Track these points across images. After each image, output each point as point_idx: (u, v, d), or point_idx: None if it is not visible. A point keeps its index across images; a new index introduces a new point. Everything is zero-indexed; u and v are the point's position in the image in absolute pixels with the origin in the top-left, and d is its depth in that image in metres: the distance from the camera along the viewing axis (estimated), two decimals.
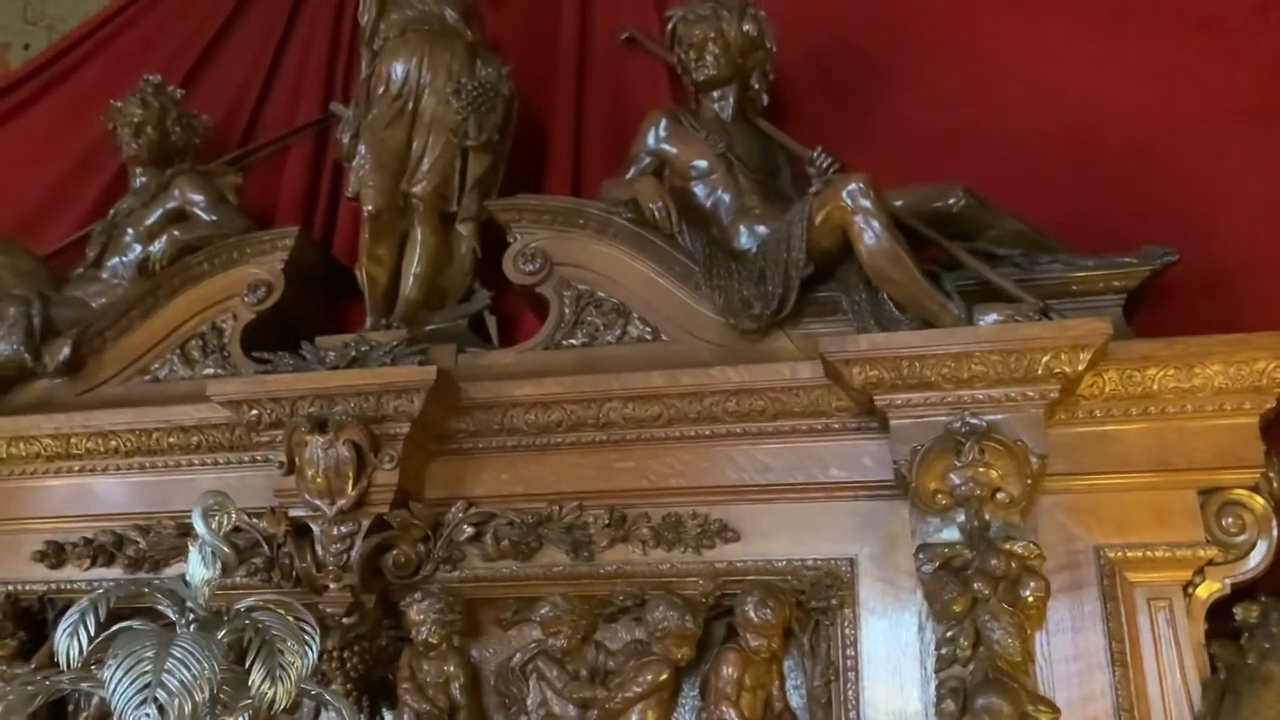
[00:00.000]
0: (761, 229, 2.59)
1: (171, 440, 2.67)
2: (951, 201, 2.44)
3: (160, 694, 1.61)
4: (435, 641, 2.40)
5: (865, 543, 2.26)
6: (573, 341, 2.63)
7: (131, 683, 1.63)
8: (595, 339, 2.62)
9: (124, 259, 3.06)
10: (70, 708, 2.74)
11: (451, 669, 2.41)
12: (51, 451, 2.75)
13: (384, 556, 2.46)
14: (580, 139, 3.16)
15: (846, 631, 2.21)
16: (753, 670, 2.26)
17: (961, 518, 2.10)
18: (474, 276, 2.89)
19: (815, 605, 2.24)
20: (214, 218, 3.05)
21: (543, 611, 2.39)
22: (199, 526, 1.93)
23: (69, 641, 1.73)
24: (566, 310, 2.65)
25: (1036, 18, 2.86)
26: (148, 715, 1.60)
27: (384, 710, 2.51)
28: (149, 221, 3.07)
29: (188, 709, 1.62)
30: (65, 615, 1.77)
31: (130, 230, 3.08)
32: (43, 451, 2.76)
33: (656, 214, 2.61)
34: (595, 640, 2.44)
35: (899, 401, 2.17)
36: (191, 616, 1.89)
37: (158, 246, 2.99)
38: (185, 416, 2.65)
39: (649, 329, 2.59)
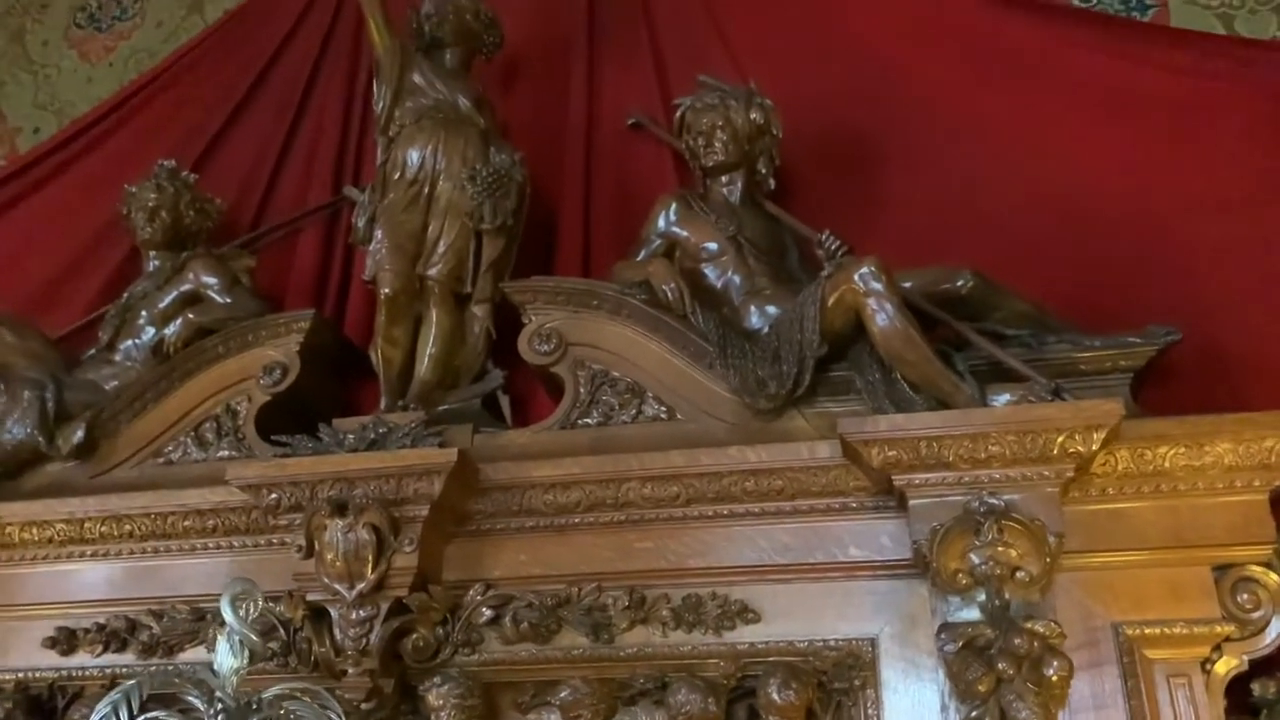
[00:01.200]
0: (772, 309, 2.64)
1: (186, 524, 2.67)
2: (960, 283, 2.50)
3: None
4: None
5: (886, 622, 2.27)
6: (588, 421, 2.65)
7: None
8: (610, 418, 2.65)
9: (137, 341, 3.09)
10: None
11: None
12: (64, 536, 2.75)
13: (403, 640, 2.45)
14: (589, 222, 3.22)
15: (869, 712, 2.21)
16: None
17: (982, 597, 2.12)
18: (487, 356, 2.93)
19: (837, 686, 2.24)
20: (228, 300, 3.08)
21: (562, 695, 2.38)
22: (227, 615, 1.94)
23: None
24: (581, 390, 2.68)
25: (1034, 100, 2.95)
26: None
27: None
28: (163, 304, 3.10)
29: None
30: (97, 707, 1.77)
31: (144, 313, 3.11)
32: (55, 536, 2.75)
33: (670, 295, 2.66)
34: None
35: (917, 481, 2.20)
36: (220, 706, 1.89)
37: (172, 329, 3.01)
38: (201, 500, 2.65)
39: (664, 408, 2.62)
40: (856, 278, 2.36)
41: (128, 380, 3.02)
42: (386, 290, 2.83)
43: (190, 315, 3.02)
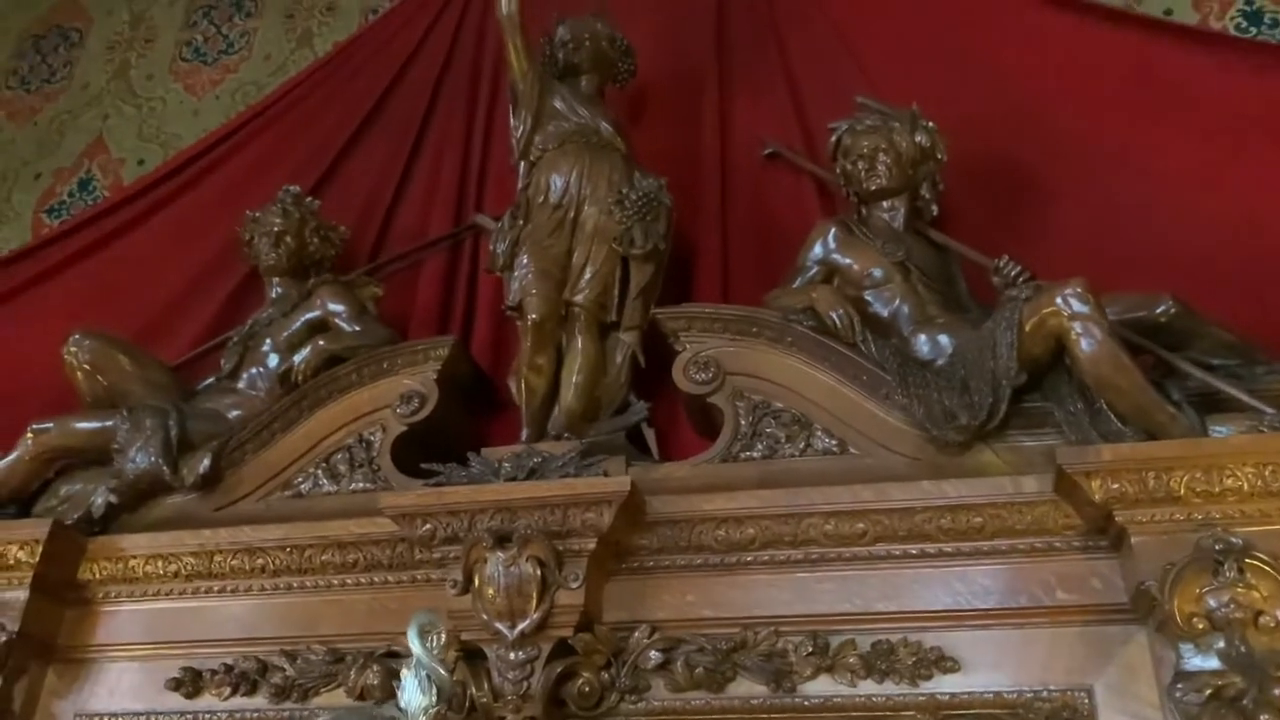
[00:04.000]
0: (944, 339, 2.51)
1: (325, 558, 2.52)
2: (1160, 310, 2.36)
3: None
4: None
5: (1100, 672, 2.09)
6: (752, 454, 2.50)
7: None
8: (776, 451, 2.49)
9: (262, 370, 2.98)
10: None
11: None
12: (191, 570, 2.61)
13: (565, 685, 2.28)
14: (727, 253, 3.11)
15: None
16: None
17: (1220, 644, 1.94)
18: (629, 388, 2.80)
19: None
20: (357, 328, 2.97)
21: None
22: (415, 648, 1.80)
23: None
24: (742, 421, 2.54)
25: (1200, 131, 2.84)
26: None
27: None
28: (289, 332, 3.00)
29: None
30: None
31: (269, 340, 3.01)
32: (182, 570, 2.61)
33: (838, 322, 2.52)
34: None
35: (1141, 518, 2.04)
36: None
37: (300, 357, 2.89)
38: (343, 532, 2.51)
39: (835, 441, 2.47)
40: (1060, 300, 2.22)
41: (252, 409, 2.89)
42: (534, 316, 2.71)
43: (321, 343, 2.90)
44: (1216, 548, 1.97)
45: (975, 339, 2.40)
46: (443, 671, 1.78)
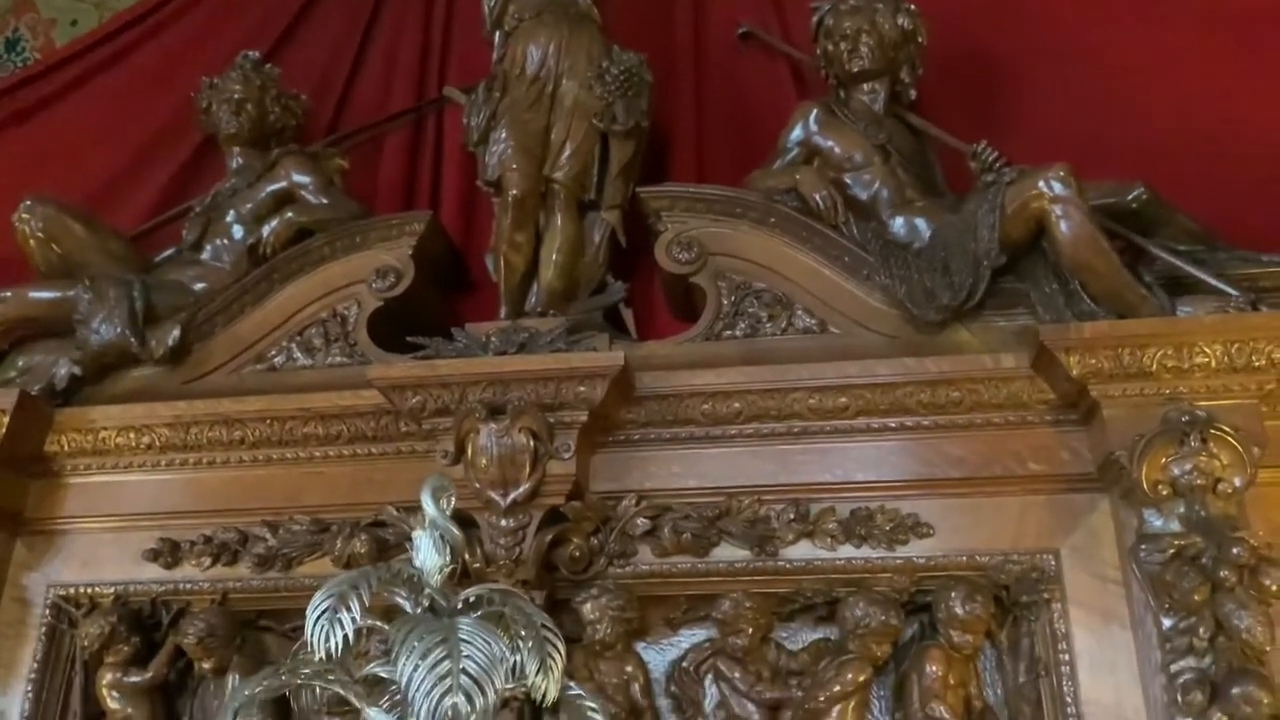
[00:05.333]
0: (921, 223, 2.57)
1: (307, 430, 2.51)
2: (1131, 197, 2.45)
3: (464, 680, 1.49)
4: (611, 640, 2.29)
5: (1067, 537, 2.22)
6: (733, 333, 2.54)
7: (429, 672, 1.50)
8: (757, 330, 2.54)
9: (226, 241, 2.90)
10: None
11: (630, 669, 2.31)
12: (165, 442, 2.57)
13: (555, 551, 2.34)
14: (701, 135, 3.11)
15: (1057, 627, 2.15)
16: (955, 668, 2.21)
17: (1181, 509, 2.08)
18: (607, 268, 2.80)
19: (1025, 600, 2.19)
20: (325, 201, 2.91)
21: (723, 608, 2.29)
22: (429, 509, 1.81)
23: (325, 630, 1.58)
24: (724, 301, 2.57)
25: (1168, 26, 2.91)
26: (456, 703, 1.47)
27: (544, 716, 2.38)
28: (254, 203, 2.91)
29: (490, 695, 1.50)
30: (314, 602, 1.61)
31: (232, 211, 2.92)
32: (156, 442, 2.57)
33: (822, 203, 2.56)
34: (773, 639, 2.36)
35: (1114, 392, 2.15)
36: (427, 605, 1.76)
37: (268, 229, 2.82)
38: (327, 405, 2.49)
39: (815, 320, 2.52)
40: (1042, 184, 2.29)
41: (218, 281, 2.82)
42: (514, 192, 2.67)
43: (289, 215, 2.83)
44: (1183, 420, 2.09)
45: (955, 222, 2.46)
46: (456, 531, 1.80)
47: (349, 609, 1.58)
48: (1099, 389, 2.15)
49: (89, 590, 2.54)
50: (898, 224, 2.59)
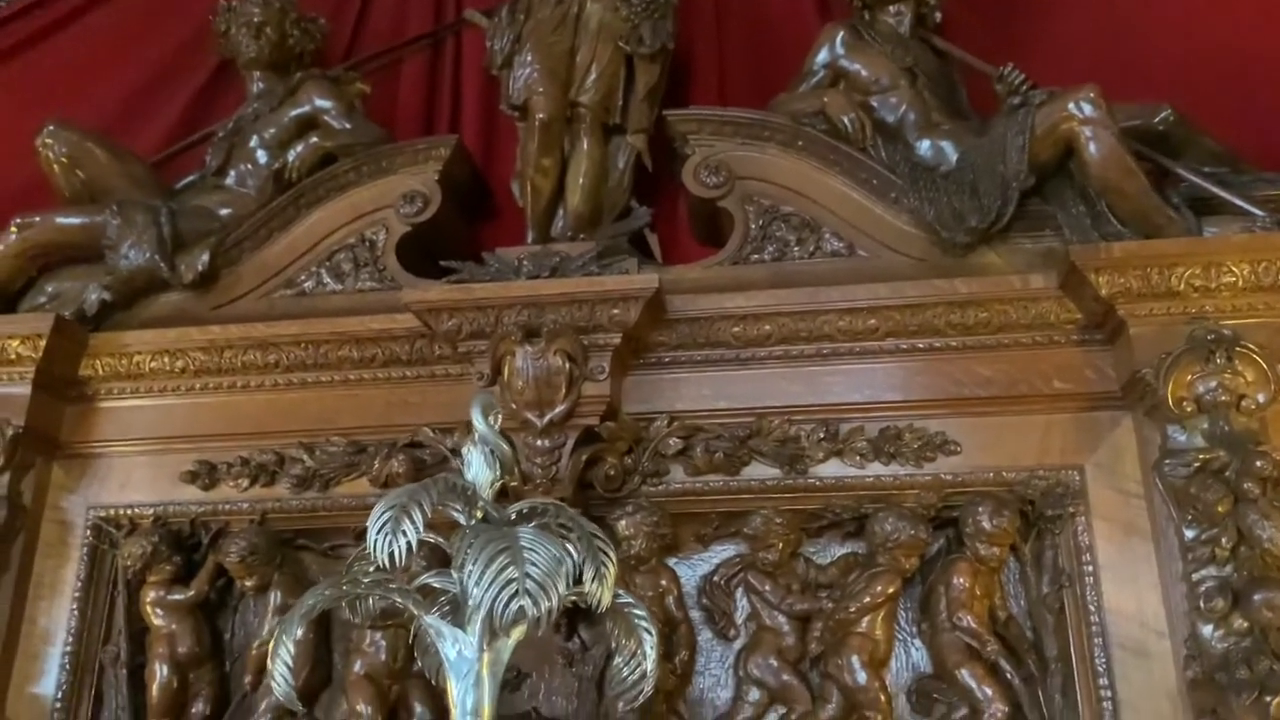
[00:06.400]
0: (947, 145, 2.58)
1: (342, 353, 2.54)
2: (1158, 120, 2.47)
3: (529, 584, 1.54)
4: (646, 556, 2.35)
5: (1091, 453, 2.28)
6: (761, 257, 2.57)
7: (496, 577, 1.55)
8: (785, 254, 2.57)
9: (250, 166, 2.90)
10: (228, 636, 2.62)
11: (665, 583, 2.38)
12: (200, 366, 2.59)
13: (590, 470, 2.39)
14: (722, 57, 3.10)
15: (1081, 539, 2.22)
16: (981, 580, 2.28)
17: (1205, 425, 2.13)
18: (631, 193, 2.82)
19: (1049, 514, 2.25)
20: (349, 126, 2.90)
21: (754, 524, 2.36)
22: (480, 425, 1.86)
23: (387, 541, 1.63)
24: (752, 225, 2.59)
25: None
26: (523, 605, 1.53)
27: (580, 629, 2.46)
28: (278, 128, 2.90)
29: (554, 598, 1.56)
30: (376, 513, 1.66)
31: (256, 137, 2.91)
32: (190, 366, 2.60)
33: (850, 126, 2.57)
34: (802, 554, 2.43)
35: (1141, 311, 2.19)
36: (480, 517, 1.81)
37: (294, 154, 2.82)
38: (362, 328, 2.52)
39: (843, 244, 2.55)
40: (1072, 105, 2.31)
41: (244, 207, 2.82)
42: (542, 116, 2.67)
43: (314, 139, 2.83)
44: (1209, 337, 2.14)
45: (983, 144, 2.47)
46: (505, 446, 1.85)
47: (411, 519, 1.63)
48: (1126, 308, 2.19)
49: (128, 512, 2.58)
50: (924, 147, 2.60)
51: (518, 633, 1.67)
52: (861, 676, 2.23)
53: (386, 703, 2.37)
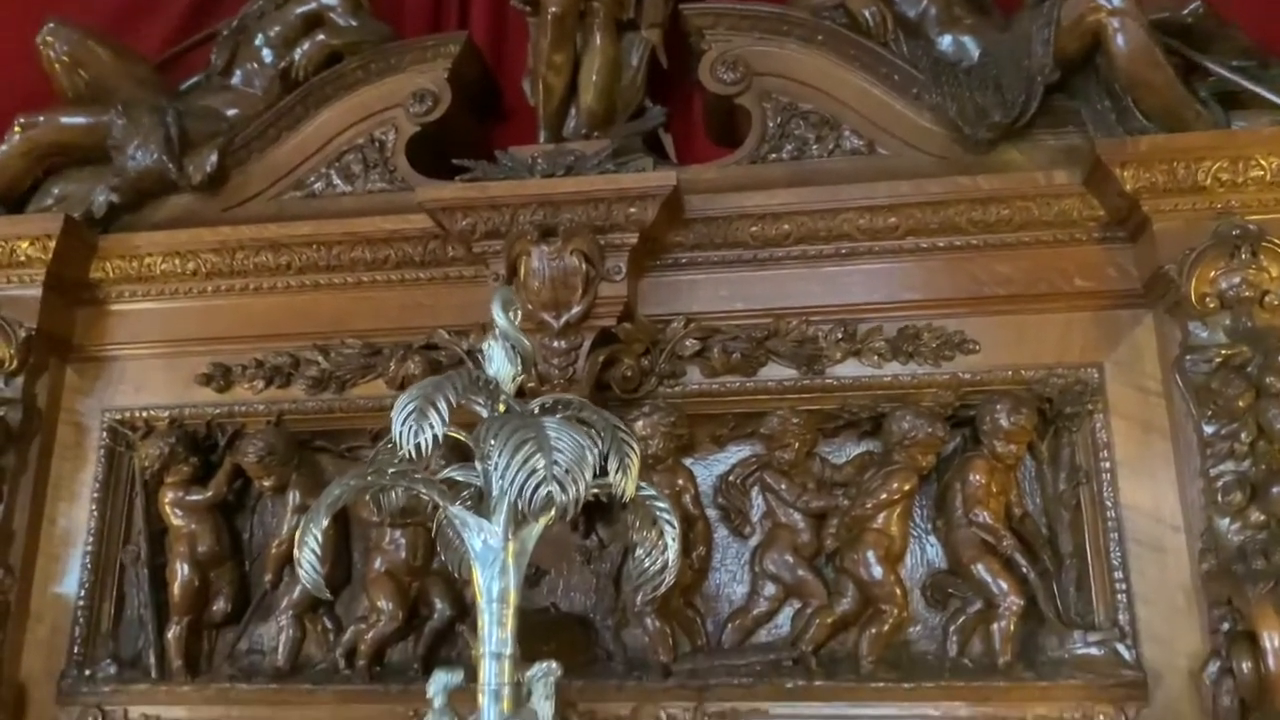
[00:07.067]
0: (969, 40, 2.53)
1: (354, 255, 2.51)
2: (1186, 12, 2.40)
3: (557, 471, 1.54)
4: (663, 455, 2.35)
5: (1110, 351, 2.27)
6: (780, 156, 2.53)
7: (523, 465, 1.55)
8: (804, 152, 2.52)
9: (256, 65, 2.84)
10: (246, 536, 2.64)
11: (681, 482, 2.38)
12: (211, 268, 2.57)
13: (607, 372, 2.38)
14: None
15: (1099, 436, 2.23)
16: (997, 477, 2.29)
17: (1227, 321, 2.12)
18: (645, 92, 2.76)
19: (1068, 412, 2.26)
20: (354, 23, 2.83)
21: (771, 424, 2.36)
22: (500, 320, 1.84)
23: (413, 432, 1.62)
24: (770, 123, 2.55)
25: None
26: (550, 492, 1.53)
27: (597, 527, 2.48)
28: (283, 25, 2.84)
29: (581, 486, 1.56)
30: (399, 404, 1.65)
31: (260, 35, 2.85)
32: (201, 268, 2.57)
33: (871, 20, 2.51)
34: (817, 454, 2.44)
35: (1165, 207, 2.16)
36: (503, 410, 1.80)
37: (300, 52, 2.76)
38: (374, 229, 2.49)
39: (863, 142, 2.51)
40: None
41: (251, 107, 2.78)
42: (554, 10, 2.59)
43: (320, 37, 2.77)
44: (1234, 233, 2.11)
45: (1006, 39, 2.42)
46: (526, 341, 1.84)
47: (437, 409, 1.62)
48: (1151, 204, 2.16)
49: (144, 414, 2.58)
50: (945, 42, 2.55)
51: (543, 521, 1.67)
52: (877, 571, 2.25)
53: (407, 599, 2.40)
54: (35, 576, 2.52)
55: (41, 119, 2.67)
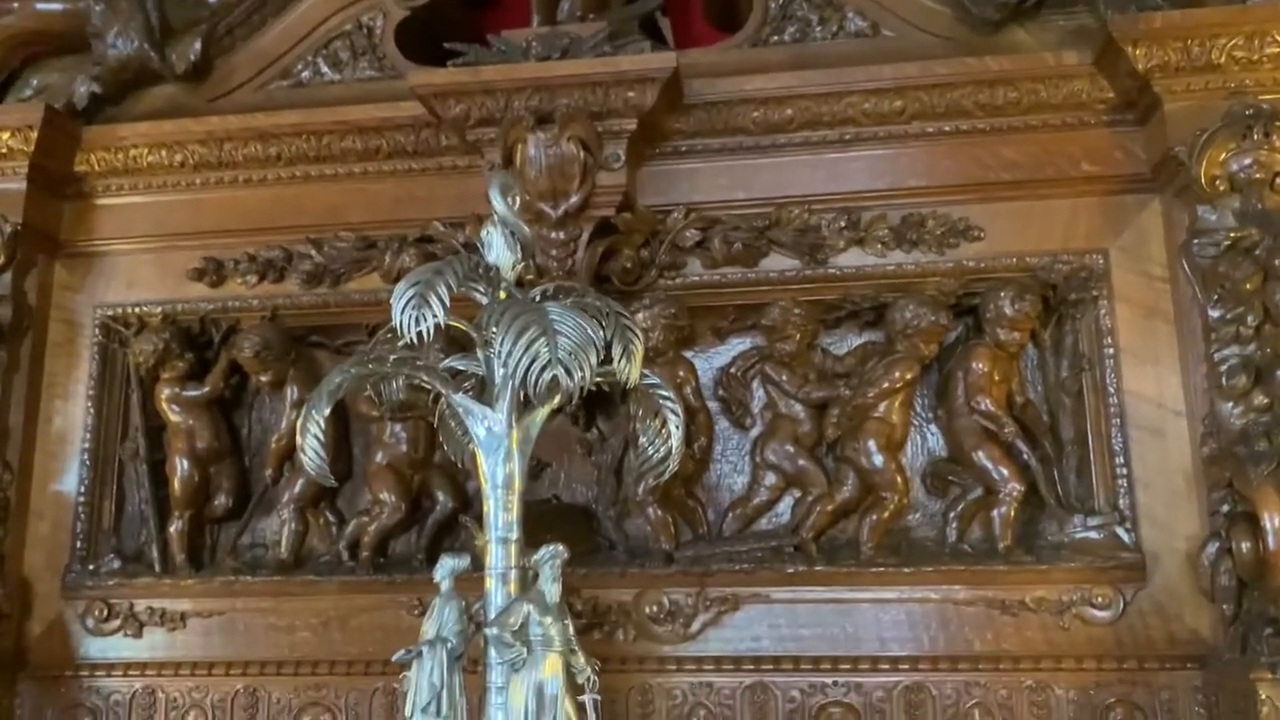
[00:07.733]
0: None
1: (345, 145, 2.45)
2: None
3: (561, 354, 1.52)
4: (664, 348, 2.33)
5: (1116, 237, 2.24)
6: (781, 38, 2.46)
7: (527, 349, 1.53)
8: (806, 35, 2.46)
9: None
10: (245, 432, 2.64)
11: (682, 373, 2.37)
12: (199, 160, 2.51)
13: (606, 264, 2.34)
14: None
15: (1103, 323, 2.21)
16: (999, 365, 2.28)
17: (1237, 204, 2.09)
18: None
19: (1072, 298, 2.24)
20: None
21: (772, 315, 2.34)
22: (498, 206, 1.80)
23: (412, 316, 1.59)
24: (772, 4, 2.47)
25: None
26: (556, 375, 1.51)
27: (598, 419, 2.47)
28: None
29: (586, 370, 1.54)
30: (398, 291, 1.61)
31: None
32: (189, 160, 2.51)
33: None
34: (819, 345, 2.42)
35: (1177, 87, 2.11)
36: (504, 297, 1.77)
37: None
38: (365, 117, 2.42)
39: (867, 23, 2.44)
40: None
41: None
42: None
43: None
44: (1247, 112, 2.07)
45: None
46: (525, 228, 1.80)
47: (437, 295, 1.59)
48: (1163, 84, 2.11)
49: (136, 310, 2.55)
50: None
51: (548, 406, 1.66)
52: (878, 459, 2.26)
53: (409, 491, 2.41)
54: (34, 474, 2.52)
55: (15, 5, 2.58)
